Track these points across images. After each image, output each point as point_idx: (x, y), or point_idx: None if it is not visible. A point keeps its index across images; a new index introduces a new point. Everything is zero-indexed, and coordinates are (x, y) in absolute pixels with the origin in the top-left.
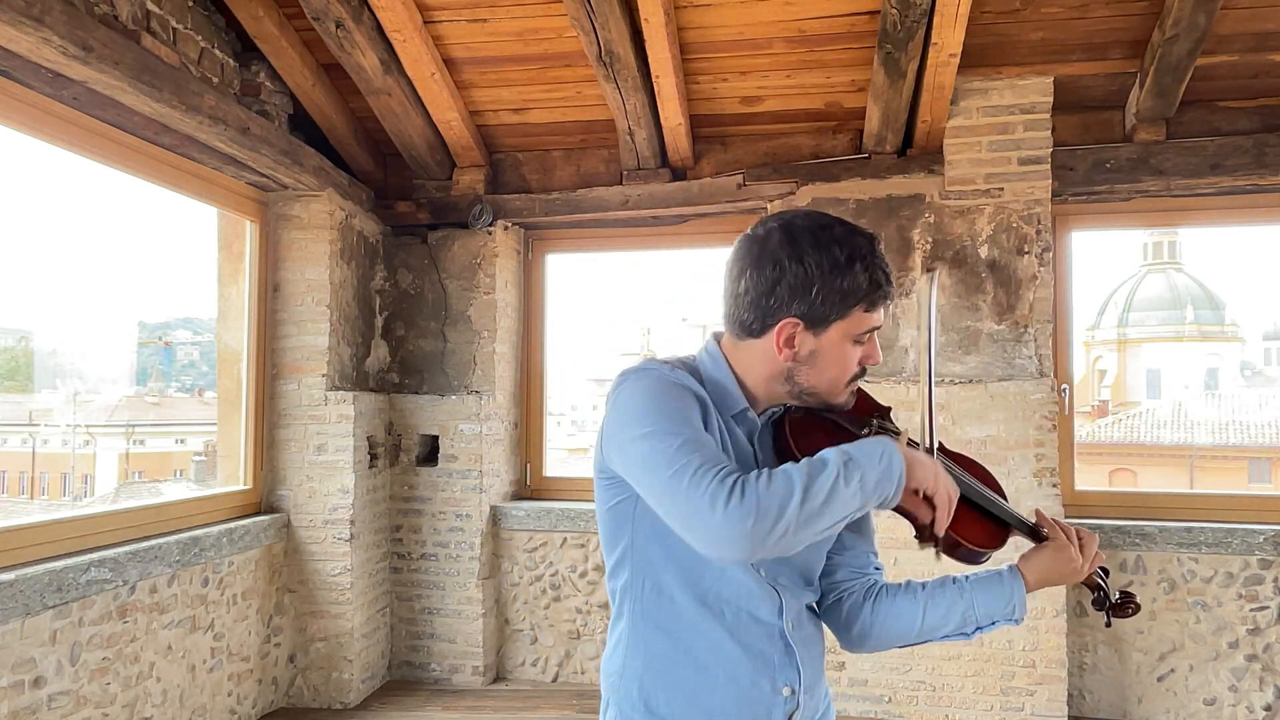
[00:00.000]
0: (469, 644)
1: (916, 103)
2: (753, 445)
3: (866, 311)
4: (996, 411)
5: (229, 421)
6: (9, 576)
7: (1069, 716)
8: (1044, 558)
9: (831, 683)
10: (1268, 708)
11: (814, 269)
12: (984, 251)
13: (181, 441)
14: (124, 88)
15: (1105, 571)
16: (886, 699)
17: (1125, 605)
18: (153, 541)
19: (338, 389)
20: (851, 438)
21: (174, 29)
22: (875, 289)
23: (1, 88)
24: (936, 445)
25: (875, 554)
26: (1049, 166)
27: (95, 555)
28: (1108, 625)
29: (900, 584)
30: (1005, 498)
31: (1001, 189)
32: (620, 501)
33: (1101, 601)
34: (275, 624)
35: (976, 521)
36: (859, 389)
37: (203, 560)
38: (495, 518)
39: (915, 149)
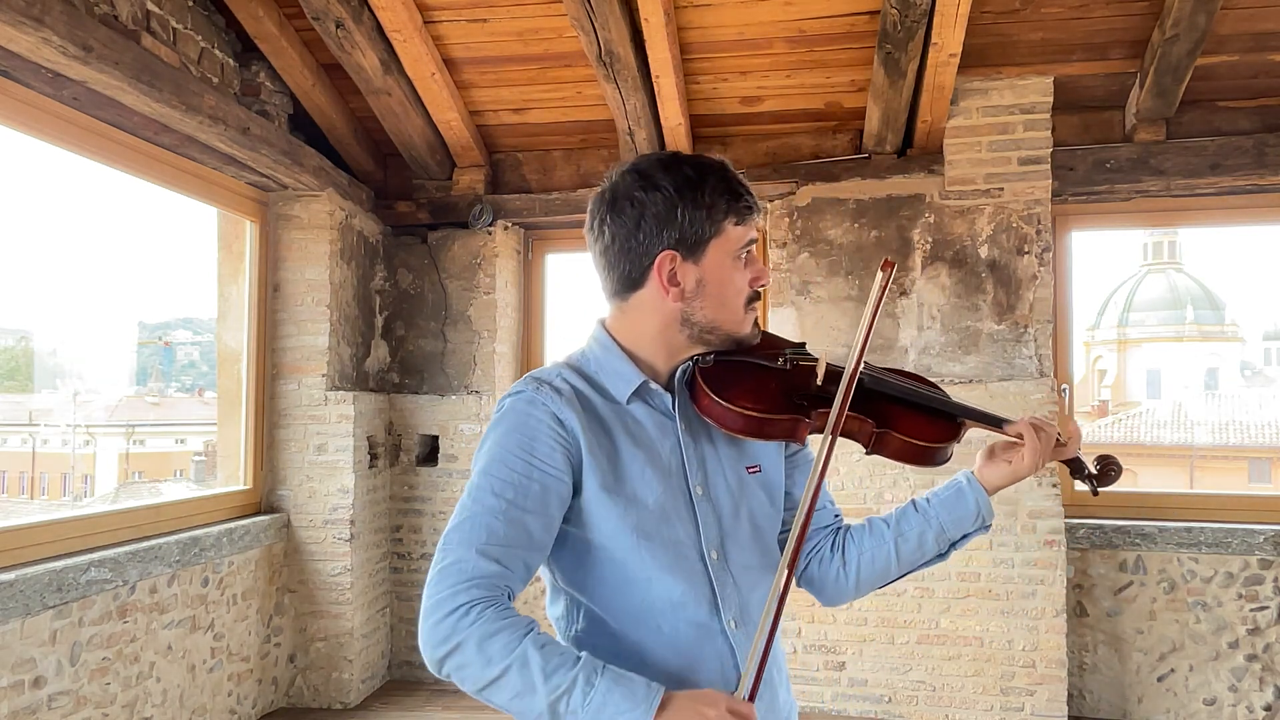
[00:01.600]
0: None
1: (916, 103)
2: (674, 419)
3: (738, 225)
4: (996, 412)
5: (229, 421)
6: (9, 576)
7: (1069, 716)
8: (998, 469)
9: (831, 683)
10: (1268, 708)
11: (671, 191)
12: (984, 251)
13: (181, 441)
14: (124, 88)
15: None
16: (886, 699)
17: (1106, 473)
18: (153, 541)
19: (338, 389)
20: (769, 375)
21: (174, 29)
22: (737, 199)
23: (1, 88)
24: (862, 366)
25: (831, 501)
26: (1049, 166)
27: (95, 555)
28: (1095, 494)
29: (863, 525)
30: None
31: (1001, 189)
32: None
33: (1079, 469)
34: (275, 624)
35: (926, 422)
36: (768, 333)
37: (203, 560)
38: None
39: (915, 149)
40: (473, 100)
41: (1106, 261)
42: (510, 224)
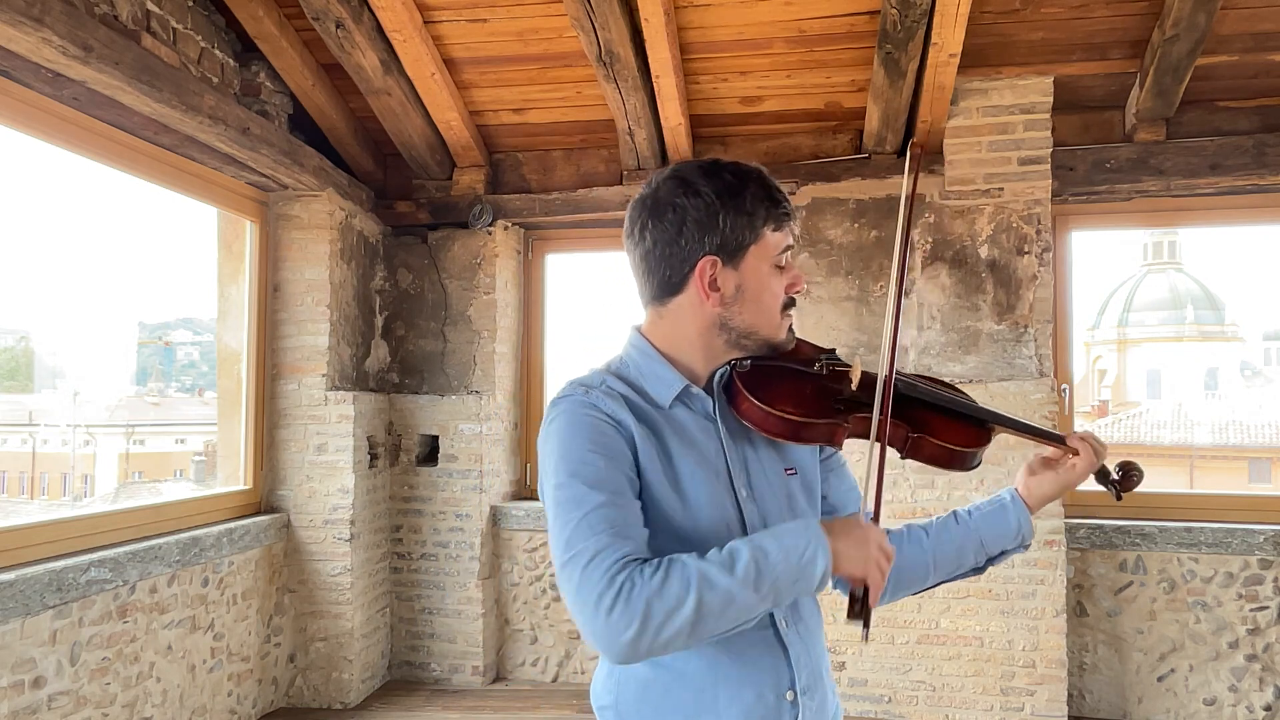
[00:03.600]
0: (469, 644)
1: (916, 103)
2: (715, 421)
3: (776, 231)
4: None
5: (229, 421)
6: (9, 576)
7: (1069, 716)
8: (1044, 479)
9: None
10: (1268, 708)
11: (712, 197)
12: (984, 251)
13: (181, 441)
14: (124, 88)
15: None
16: (886, 699)
17: (1129, 477)
18: (153, 541)
19: (338, 389)
20: (805, 379)
21: (174, 29)
22: (775, 205)
23: (1, 88)
24: (894, 374)
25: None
26: (1049, 166)
27: (95, 555)
28: (1119, 499)
29: (902, 531)
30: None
31: (1001, 189)
32: None
33: (1105, 475)
34: (275, 624)
35: (959, 427)
36: (801, 339)
37: (203, 560)
38: (495, 518)
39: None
40: (473, 100)
41: (1106, 261)
42: (510, 224)
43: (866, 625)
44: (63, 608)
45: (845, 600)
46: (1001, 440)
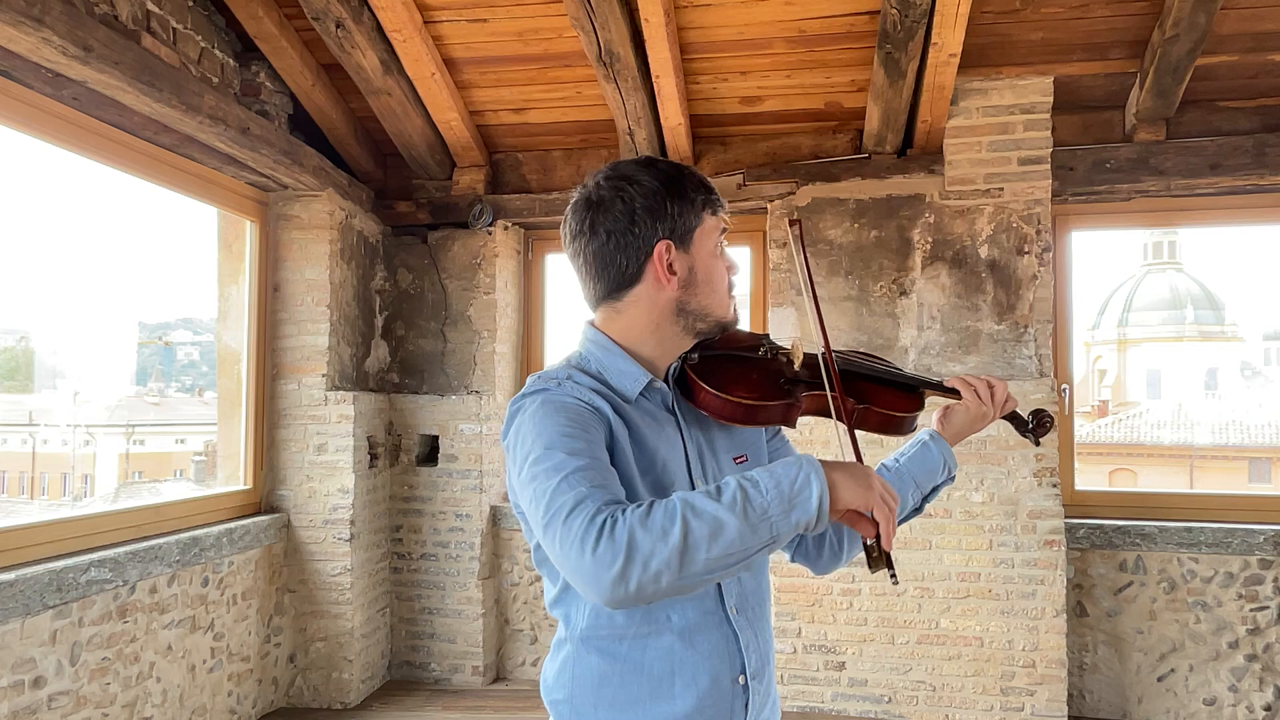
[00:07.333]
0: (469, 644)
1: (916, 103)
2: (675, 413)
3: (713, 215)
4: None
5: (229, 421)
6: (9, 576)
7: (1069, 716)
8: (956, 416)
9: (831, 683)
10: (1268, 708)
11: (655, 184)
12: (984, 251)
13: (181, 441)
14: (124, 88)
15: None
16: (886, 699)
17: (1041, 424)
18: (153, 541)
19: (338, 389)
20: (753, 365)
21: (174, 29)
22: (708, 191)
23: (1, 88)
24: (828, 347)
25: None
26: (1049, 166)
27: (95, 555)
28: (1036, 444)
29: None
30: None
31: (1001, 189)
32: None
33: (1023, 426)
34: (275, 624)
35: (896, 395)
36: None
37: (203, 560)
38: (495, 518)
39: (915, 149)
40: (473, 100)
41: (1106, 261)
42: (510, 224)
43: (892, 569)
44: (63, 608)
45: (837, 567)
46: (1001, 441)
